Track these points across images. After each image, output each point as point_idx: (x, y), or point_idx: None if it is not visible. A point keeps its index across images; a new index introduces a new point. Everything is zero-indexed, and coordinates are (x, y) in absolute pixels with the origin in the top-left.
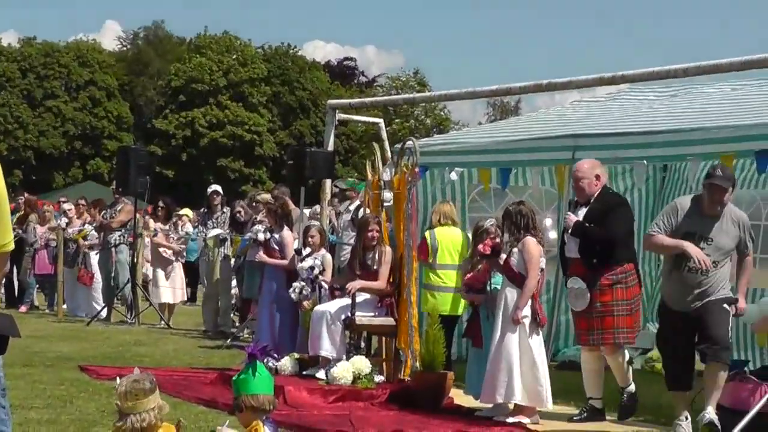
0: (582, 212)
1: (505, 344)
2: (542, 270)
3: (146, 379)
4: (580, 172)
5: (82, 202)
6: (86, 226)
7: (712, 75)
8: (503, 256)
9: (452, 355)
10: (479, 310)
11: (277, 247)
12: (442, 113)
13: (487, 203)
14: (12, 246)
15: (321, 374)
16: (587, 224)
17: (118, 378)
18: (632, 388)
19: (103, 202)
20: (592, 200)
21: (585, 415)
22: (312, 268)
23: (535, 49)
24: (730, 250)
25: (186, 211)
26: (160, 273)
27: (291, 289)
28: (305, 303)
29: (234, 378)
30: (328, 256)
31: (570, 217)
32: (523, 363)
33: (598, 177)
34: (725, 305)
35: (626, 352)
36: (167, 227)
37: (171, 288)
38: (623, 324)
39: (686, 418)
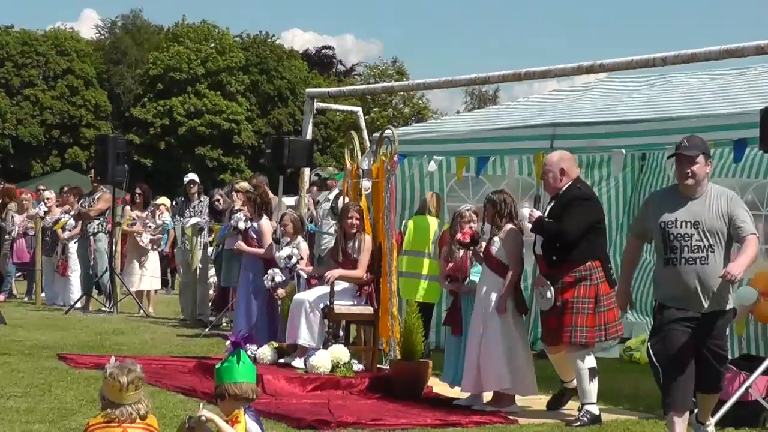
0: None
1: (489, 334)
2: (522, 259)
3: (138, 367)
4: (546, 165)
5: (68, 193)
6: (65, 215)
7: (691, 64)
8: (483, 244)
9: (431, 344)
10: (460, 299)
11: (255, 236)
12: (420, 102)
13: (464, 192)
14: None
15: (299, 363)
16: (546, 220)
17: (108, 369)
18: (594, 408)
19: (80, 189)
20: (559, 194)
21: (587, 419)
22: (289, 257)
23: (513, 38)
24: (723, 233)
25: (163, 200)
26: (135, 261)
27: (265, 277)
28: (279, 291)
29: (217, 366)
30: (304, 244)
31: (533, 213)
32: (508, 352)
33: (563, 171)
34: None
35: (590, 359)
36: (144, 215)
37: (146, 276)
38: (583, 323)
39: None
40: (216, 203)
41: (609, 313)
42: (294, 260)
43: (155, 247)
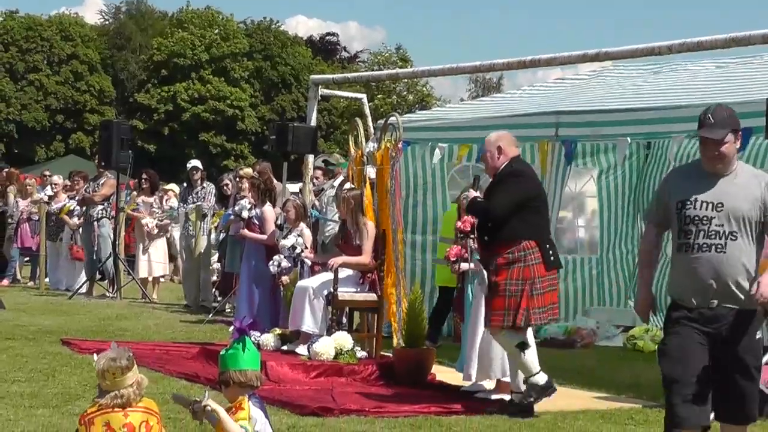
0: None
1: None
2: None
3: (123, 356)
4: (484, 145)
5: (78, 178)
6: (69, 201)
7: (697, 52)
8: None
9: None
10: (465, 286)
11: (258, 222)
12: (424, 89)
13: (466, 180)
14: None
15: (303, 350)
16: (478, 199)
17: (95, 356)
18: (538, 378)
19: (87, 174)
20: (496, 174)
21: (532, 397)
22: (293, 247)
23: (518, 25)
24: (751, 220)
25: (172, 186)
26: (140, 247)
27: (270, 263)
28: (284, 278)
29: (222, 353)
30: (307, 231)
31: (469, 194)
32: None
33: (500, 149)
34: (758, 334)
35: (529, 339)
36: (151, 201)
37: (153, 262)
38: (514, 306)
39: None
40: (224, 188)
41: (545, 296)
42: (298, 249)
43: (161, 233)
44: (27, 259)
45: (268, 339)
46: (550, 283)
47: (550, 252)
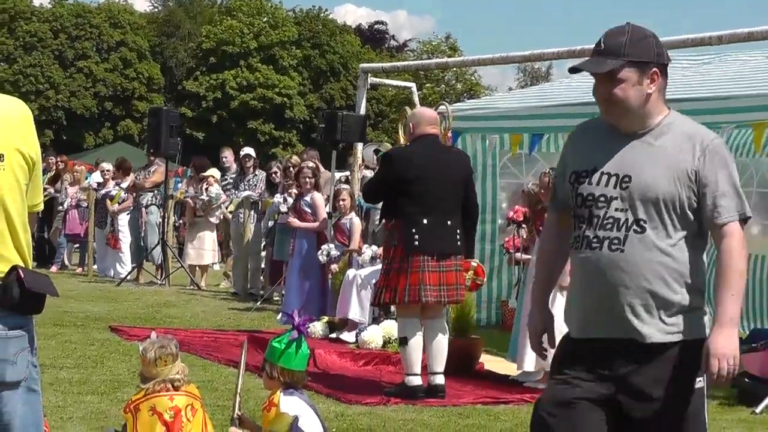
0: None
1: None
2: None
3: (170, 343)
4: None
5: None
6: (116, 188)
7: (746, 43)
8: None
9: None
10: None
11: (309, 210)
12: (472, 78)
13: (518, 169)
14: (41, 207)
15: (351, 338)
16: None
17: (140, 345)
18: (409, 380)
19: (127, 163)
20: None
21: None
22: (374, 258)
23: (568, 14)
24: (672, 204)
25: (212, 172)
26: (190, 234)
27: (319, 252)
28: (333, 266)
29: (273, 344)
30: (357, 220)
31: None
32: (562, 328)
33: (411, 127)
34: (697, 383)
35: (404, 328)
36: (196, 188)
37: (201, 249)
38: (380, 284)
39: None
40: (273, 176)
41: (401, 278)
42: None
43: (210, 220)
44: (77, 246)
45: (317, 327)
46: (407, 266)
47: (416, 235)
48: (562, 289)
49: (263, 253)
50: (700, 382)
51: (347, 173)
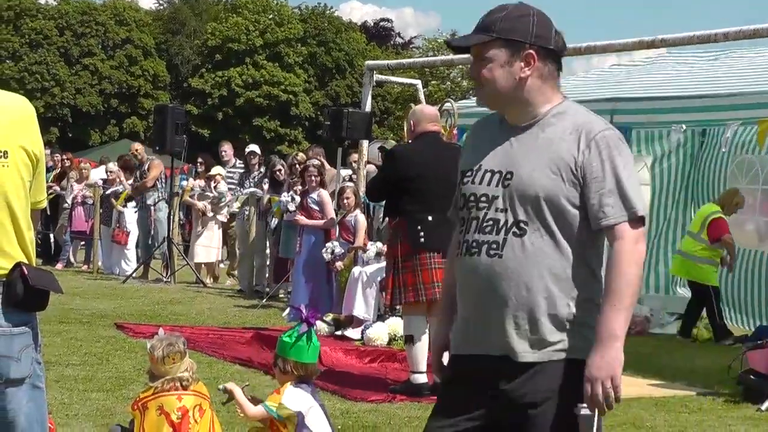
0: None
1: None
2: None
3: (178, 341)
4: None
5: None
6: (120, 187)
7: (754, 40)
8: None
9: None
10: None
11: (316, 207)
12: None
13: None
14: (45, 204)
15: (356, 335)
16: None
17: (148, 342)
18: (415, 378)
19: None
20: None
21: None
22: (379, 254)
23: (574, 11)
24: (554, 203)
25: (218, 170)
26: (196, 232)
27: (324, 250)
28: (338, 263)
29: (285, 339)
30: (361, 217)
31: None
32: None
33: (412, 125)
34: (581, 410)
35: (411, 326)
36: (204, 186)
37: (207, 247)
38: (385, 285)
39: None
40: (277, 173)
41: (407, 276)
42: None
43: (216, 217)
44: (82, 243)
45: (322, 324)
46: (411, 264)
47: (421, 232)
48: None
49: (268, 251)
50: (585, 409)
51: (350, 172)
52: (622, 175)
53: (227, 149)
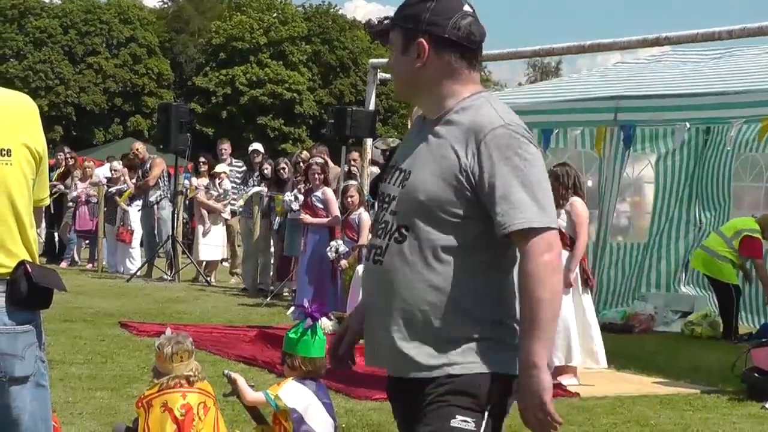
0: None
1: None
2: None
3: (186, 340)
4: None
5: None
6: (124, 185)
7: (757, 38)
8: None
9: None
10: None
11: (321, 206)
12: (482, 73)
13: None
14: (48, 201)
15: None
16: None
17: (156, 340)
18: None
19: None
20: None
21: None
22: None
23: (578, 9)
24: (440, 208)
25: (223, 168)
26: (200, 230)
27: (328, 248)
28: (342, 262)
29: (291, 335)
30: (365, 215)
31: None
32: (577, 324)
33: None
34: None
35: None
36: (208, 184)
37: (211, 245)
38: None
39: None
40: (281, 171)
41: None
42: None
43: (220, 215)
44: (87, 241)
45: (327, 322)
46: None
47: None
48: (566, 286)
49: (272, 249)
50: (466, 423)
51: (345, 169)
52: (514, 179)
53: (226, 147)
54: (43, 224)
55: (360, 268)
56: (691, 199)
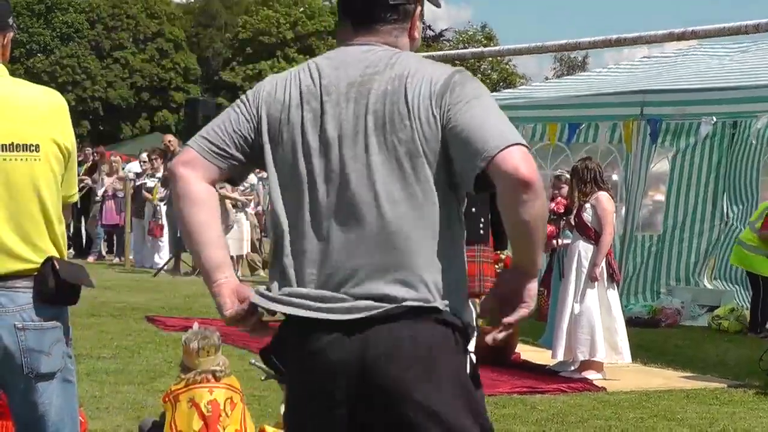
0: None
1: (585, 301)
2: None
3: (213, 335)
4: None
5: (156, 155)
6: (152, 179)
7: None
8: (574, 212)
9: None
10: (553, 265)
11: None
12: (508, 67)
13: (543, 161)
14: (77, 198)
15: None
16: None
17: (184, 335)
18: None
19: (161, 151)
20: None
21: None
22: None
23: (604, 3)
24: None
25: None
26: (224, 224)
27: None
28: None
29: None
30: None
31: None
32: (603, 319)
33: None
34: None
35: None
36: None
37: (236, 240)
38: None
39: None
40: None
41: (484, 266)
42: None
43: (245, 209)
44: (105, 237)
45: None
46: (486, 254)
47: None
48: (592, 280)
49: None
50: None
51: None
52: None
53: None
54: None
55: None
56: (716, 193)
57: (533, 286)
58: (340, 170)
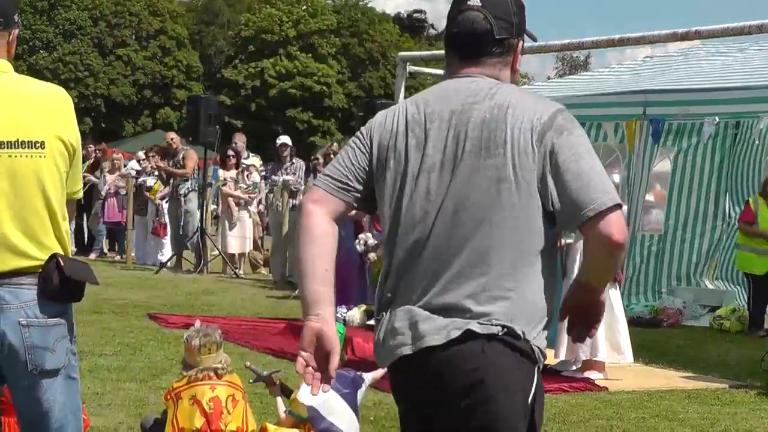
0: None
1: None
2: None
3: (215, 332)
4: None
5: (154, 152)
6: (151, 177)
7: None
8: None
9: None
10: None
11: None
12: None
13: None
14: (81, 194)
15: None
16: None
17: (185, 332)
18: None
19: (159, 147)
20: None
21: None
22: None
23: (607, 3)
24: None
25: (253, 161)
26: (226, 223)
27: (356, 241)
28: (371, 254)
29: None
30: None
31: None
32: (604, 319)
33: None
34: None
35: None
36: (236, 176)
37: (239, 237)
38: None
39: None
40: (315, 161)
41: None
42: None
43: (248, 207)
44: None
45: (355, 315)
46: None
47: None
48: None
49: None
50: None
51: None
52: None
53: (239, 141)
54: None
55: None
56: (719, 193)
57: (604, 299)
58: (437, 193)
